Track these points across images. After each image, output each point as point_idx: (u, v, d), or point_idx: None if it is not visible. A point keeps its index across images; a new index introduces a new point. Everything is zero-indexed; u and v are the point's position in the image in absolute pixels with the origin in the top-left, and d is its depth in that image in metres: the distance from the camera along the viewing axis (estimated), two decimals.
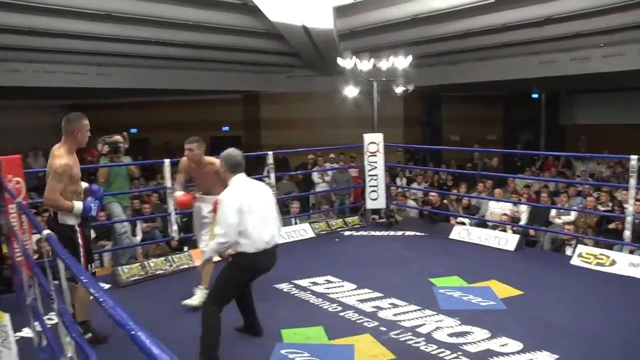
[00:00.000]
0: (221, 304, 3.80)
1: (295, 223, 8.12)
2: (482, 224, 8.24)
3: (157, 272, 5.88)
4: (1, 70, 12.61)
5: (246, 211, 3.69)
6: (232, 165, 3.84)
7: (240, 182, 3.84)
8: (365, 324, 4.44)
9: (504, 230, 7.52)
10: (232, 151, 3.90)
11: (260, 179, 9.92)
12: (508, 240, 6.85)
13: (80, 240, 3.90)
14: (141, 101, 18.46)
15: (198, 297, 4.77)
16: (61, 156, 3.84)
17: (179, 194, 5.01)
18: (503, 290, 5.18)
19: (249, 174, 3.96)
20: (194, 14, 10.59)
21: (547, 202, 8.47)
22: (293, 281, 5.56)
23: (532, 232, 7.99)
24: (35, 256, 5.18)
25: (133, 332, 1.56)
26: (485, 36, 11.90)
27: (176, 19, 10.66)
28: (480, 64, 14.63)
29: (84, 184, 4.13)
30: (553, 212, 8.24)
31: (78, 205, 3.87)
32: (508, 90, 18.77)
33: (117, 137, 5.86)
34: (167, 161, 6.47)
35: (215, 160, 4.76)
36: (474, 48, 13.16)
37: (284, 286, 5.44)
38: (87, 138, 4.04)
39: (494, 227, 7.83)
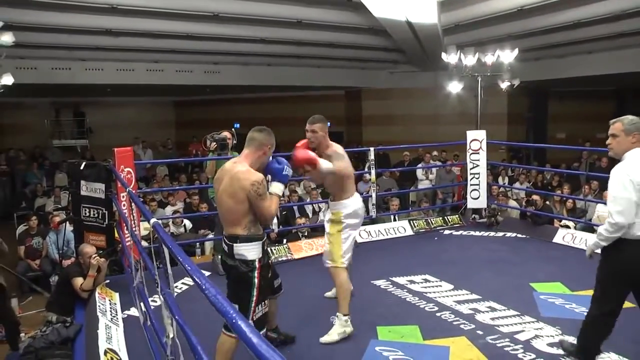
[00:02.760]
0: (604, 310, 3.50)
1: (395, 220, 8.11)
2: (589, 228, 7.78)
3: None
4: (117, 70, 13.61)
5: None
6: None
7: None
8: (461, 326, 4.36)
9: None
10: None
11: (361, 175, 10.13)
12: None
13: (256, 280, 3.21)
14: (245, 97, 19.12)
15: (336, 329, 4.11)
16: (251, 172, 3.19)
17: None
18: None
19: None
20: (298, 12, 10.80)
21: None
22: (391, 278, 5.56)
23: None
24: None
25: (234, 321, 1.63)
26: (596, 26, 11.04)
27: (281, 17, 10.92)
28: (591, 57, 13.72)
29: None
30: None
31: (276, 187, 3.33)
32: (621, 85, 17.45)
33: (226, 134, 6.10)
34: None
35: (338, 148, 4.20)
36: (584, 39, 12.29)
37: (382, 283, 5.45)
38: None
39: None
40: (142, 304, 4.04)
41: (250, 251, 3.22)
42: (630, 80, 15.55)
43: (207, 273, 5.75)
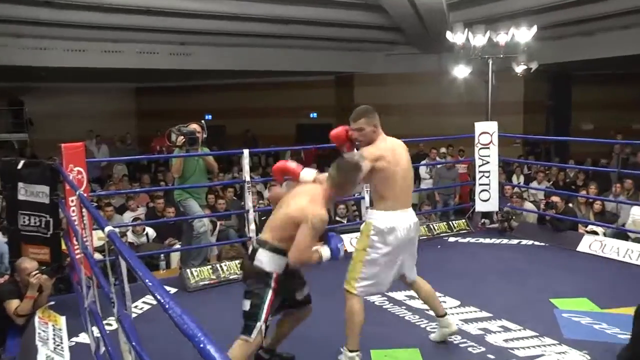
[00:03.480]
0: None
1: None
2: (622, 234, 7.76)
3: (231, 277, 5.95)
4: (64, 50, 13.39)
5: None
6: None
7: None
8: (469, 349, 4.31)
9: None
10: None
11: None
12: None
13: (270, 293, 3.48)
14: (217, 84, 19.04)
15: None
16: (320, 206, 3.49)
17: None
18: None
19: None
20: None
21: None
22: (387, 293, 5.47)
23: None
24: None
25: (202, 345, 1.58)
26: None
27: None
28: (624, 34, 13.65)
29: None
30: None
31: (325, 251, 3.58)
32: None
33: (195, 126, 6.01)
34: (246, 151, 6.55)
35: (383, 141, 4.07)
36: (616, 12, 12.29)
37: (376, 299, 5.38)
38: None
39: (638, 240, 7.37)
40: (94, 328, 3.95)
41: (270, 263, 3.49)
42: None
43: (172, 290, 5.68)
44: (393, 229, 3.85)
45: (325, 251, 3.54)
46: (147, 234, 8.46)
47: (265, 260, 3.48)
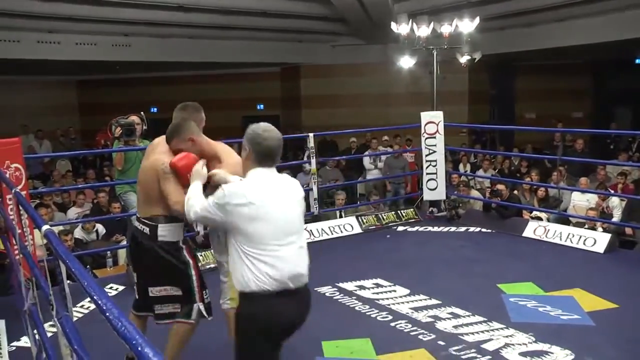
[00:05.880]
0: None
1: (341, 216, 8.08)
2: (564, 219, 7.99)
3: None
4: None
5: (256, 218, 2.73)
6: (261, 154, 2.82)
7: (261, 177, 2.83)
8: (420, 336, 4.35)
9: (592, 228, 7.26)
10: (263, 129, 2.85)
11: (300, 166, 10.04)
12: (597, 240, 6.56)
13: (189, 258, 3.52)
14: (162, 76, 18.72)
15: None
16: (164, 153, 3.50)
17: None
18: (590, 301, 4.96)
19: (285, 160, 3.78)
20: None
21: None
22: (337, 284, 5.52)
23: (628, 230, 7.69)
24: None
25: (140, 349, 1.54)
26: None
27: None
28: (563, 25, 13.89)
29: None
30: None
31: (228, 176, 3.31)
32: (598, 57, 17.95)
33: (133, 118, 5.88)
34: None
35: (225, 148, 3.71)
36: (555, 5, 12.58)
37: (326, 290, 5.40)
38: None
39: (579, 225, 7.58)
40: (35, 331, 3.82)
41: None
42: (608, 52, 16.01)
43: (121, 288, 5.56)
44: None
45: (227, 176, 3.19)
46: (97, 230, 8.26)
47: (168, 234, 3.46)
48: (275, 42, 16.61)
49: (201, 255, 6.17)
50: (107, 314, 1.81)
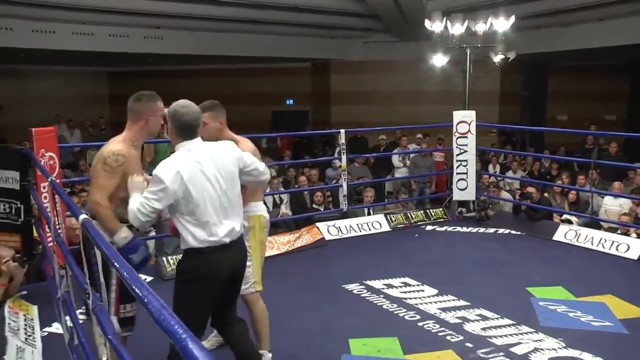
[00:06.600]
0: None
1: (369, 214, 8.08)
2: (595, 224, 7.87)
3: None
4: (33, 31, 13.01)
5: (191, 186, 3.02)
6: (180, 128, 3.14)
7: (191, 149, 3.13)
8: (447, 337, 4.34)
9: (625, 234, 7.15)
10: (182, 105, 3.18)
11: (329, 162, 10.03)
12: (630, 247, 6.48)
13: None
14: (193, 69, 18.82)
15: None
16: (118, 142, 3.30)
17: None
18: (623, 308, 4.89)
19: (314, 155, 3.79)
20: None
21: None
22: (365, 282, 5.53)
23: None
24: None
25: (184, 344, 1.51)
26: None
27: None
28: (601, 25, 13.66)
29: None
30: None
31: (125, 232, 3.22)
32: (636, 58, 17.52)
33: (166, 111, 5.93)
34: None
35: (241, 139, 3.93)
36: (593, 4, 12.33)
37: (354, 287, 5.41)
38: (160, 126, 3.50)
39: (611, 230, 7.47)
40: (67, 318, 3.86)
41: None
42: None
43: (148, 278, 5.63)
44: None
45: (124, 231, 3.20)
46: None
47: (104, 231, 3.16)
48: (307, 38, 16.57)
49: None
50: (149, 306, 1.78)
